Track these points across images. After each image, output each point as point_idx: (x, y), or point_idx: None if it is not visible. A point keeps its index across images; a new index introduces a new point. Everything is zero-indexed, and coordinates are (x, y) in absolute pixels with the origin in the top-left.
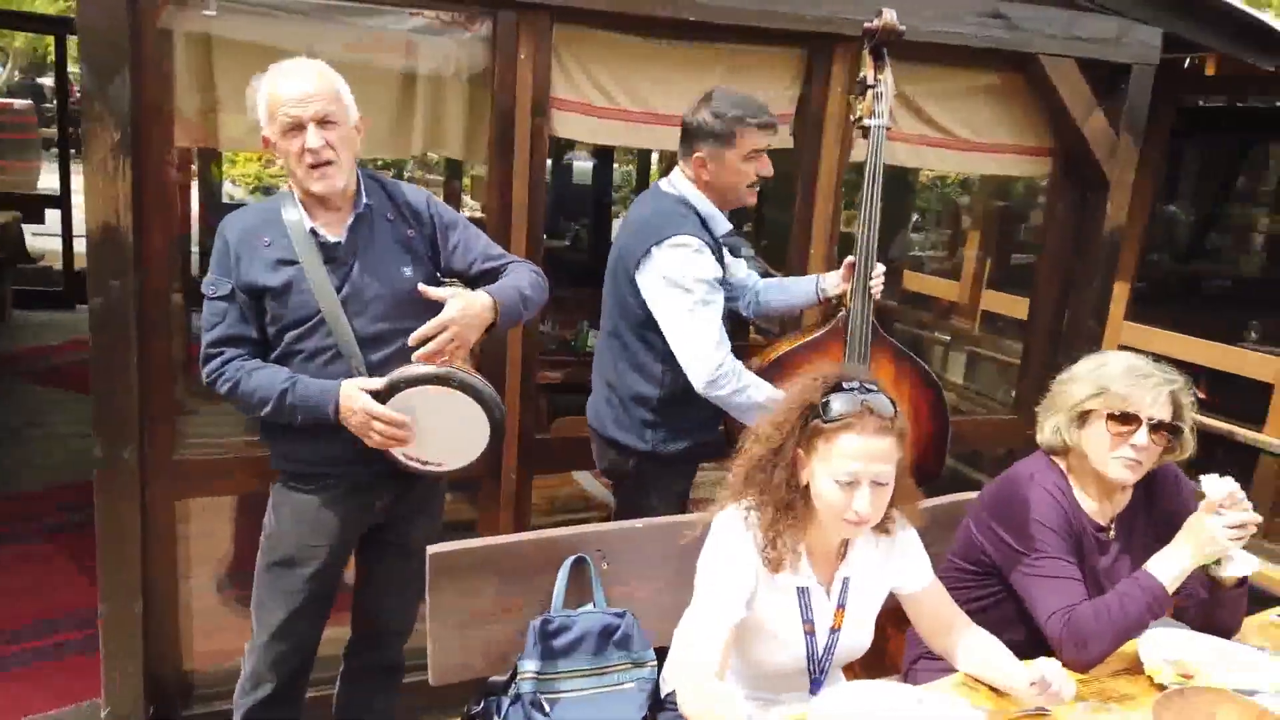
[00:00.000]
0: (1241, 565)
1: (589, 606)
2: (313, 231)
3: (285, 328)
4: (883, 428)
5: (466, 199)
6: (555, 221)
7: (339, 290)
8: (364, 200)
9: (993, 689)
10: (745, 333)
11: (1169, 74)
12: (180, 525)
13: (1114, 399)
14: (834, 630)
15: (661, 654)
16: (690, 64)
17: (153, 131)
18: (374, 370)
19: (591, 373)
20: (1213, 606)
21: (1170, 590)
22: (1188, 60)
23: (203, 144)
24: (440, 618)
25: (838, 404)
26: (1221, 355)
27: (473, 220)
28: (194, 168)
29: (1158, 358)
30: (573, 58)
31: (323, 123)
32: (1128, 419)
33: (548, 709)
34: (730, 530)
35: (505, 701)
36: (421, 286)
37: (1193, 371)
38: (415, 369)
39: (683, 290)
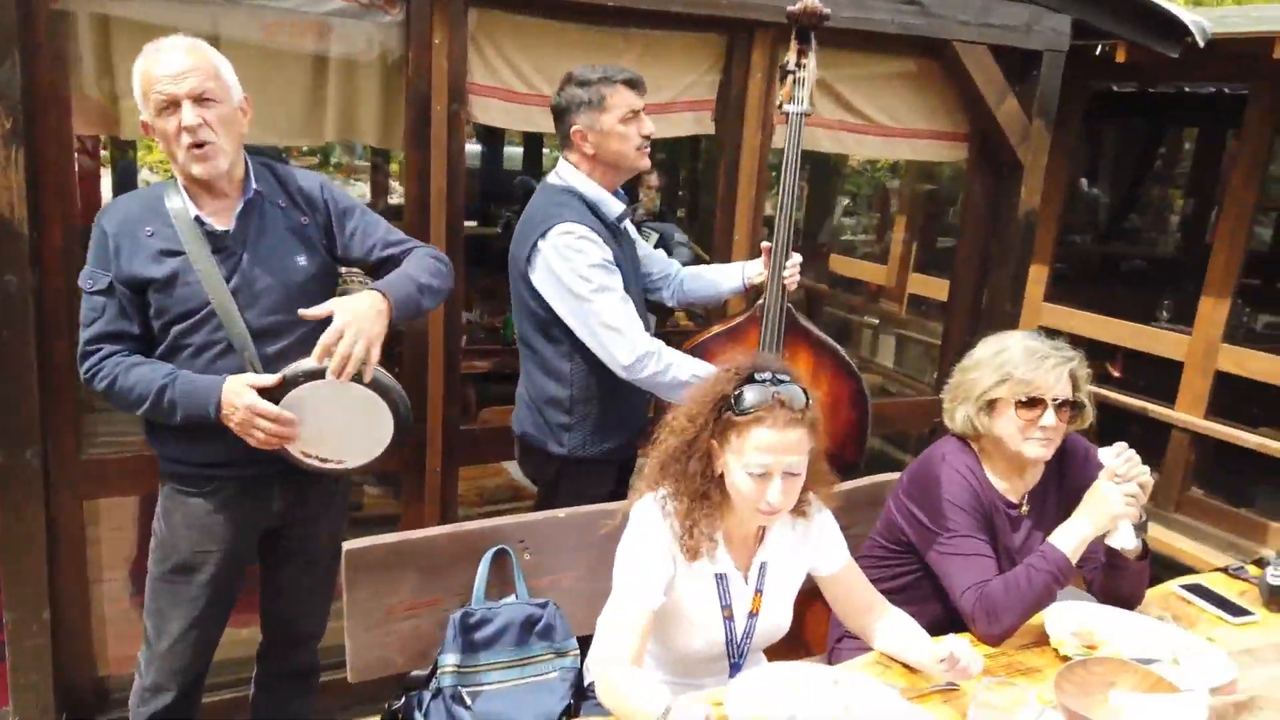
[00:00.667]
0: (1123, 537)
1: (511, 598)
2: (198, 219)
3: (171, 321)
4: (793, 420)
5: (395, 185)
6: (485, 208)
7: (228, 281)
8: (253, 186)
9: (906, 666)
10: (667, 320)
11: (1081, 60)
12: (90, 528)
13: (1019, 385)
14: (752, 615)
15: (585, 642)
16: (609, 50)
17: (48, 119)
18: (268, 364)
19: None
20: (1115, 578)
21: (1073, 560)
22: (1099, 47)
23: (104, 131)
24: (357, 615)
25: (749, 396)
26: (1135, 334)
27: (391, 208)
28: (106, 155)
29: (1053, 333)
30: (490, 43)
31: (199, 100)
32: (1034, 403)
33: (469, 702)
34: (647, 519)
35: (426, 696)
36: (302, 311)
37: (1108, 350)
38: (310, 362)
39: (579, 279)
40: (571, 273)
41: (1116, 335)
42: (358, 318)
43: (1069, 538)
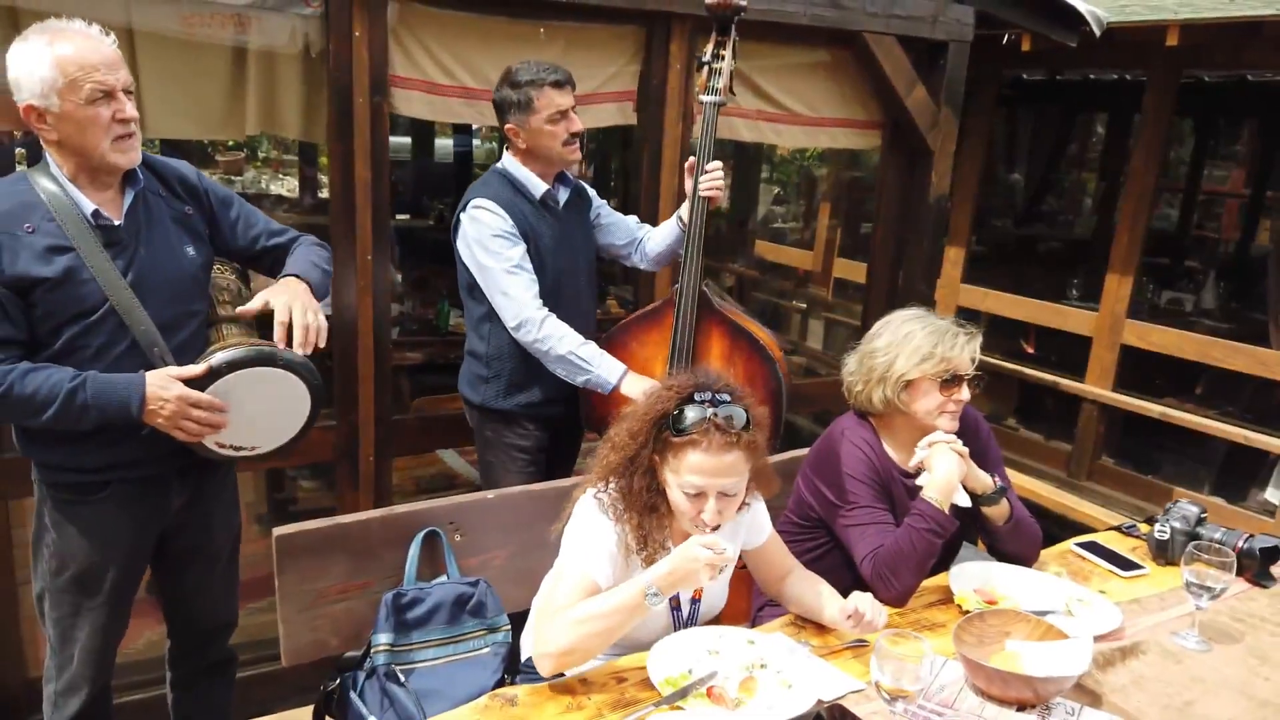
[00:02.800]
0: (960, 498)
1: (443, 578)
2: (95, 214)
3: (64, 323)
4: (728, 443)
5: (323, 178)
6: (418, 200)
7: (125, 276)
8: (140, 176)
9: (819, 627)
10: (601, 305)
11: (990, 49)
12: (16, 530)
13: (940, 364)
14: (695, 601)
15: (517, 619)
16: (530, 42)
17: None
18: (174, 358)
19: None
20: (998, 541)
21: (944, 508)
22: (1005, 36)
23: (12, 127)
24: (289, 600)
25: (687, 416)
26: (1045, 312)
27: (320, 202)
28: (21, 152)
29: (966, 314)
30: (411, 36)
31: (128, 91)
32: (955, 380)
33: (403, 679)
34: (590, 512)
35: (361, 676)
36: (240, 309)
37: (1022, 328)
38: (234, 352)
39: (481, 248)
40: (477, 241)
41: (1029, 313)
42: (294, 296)
43: (934, 489)
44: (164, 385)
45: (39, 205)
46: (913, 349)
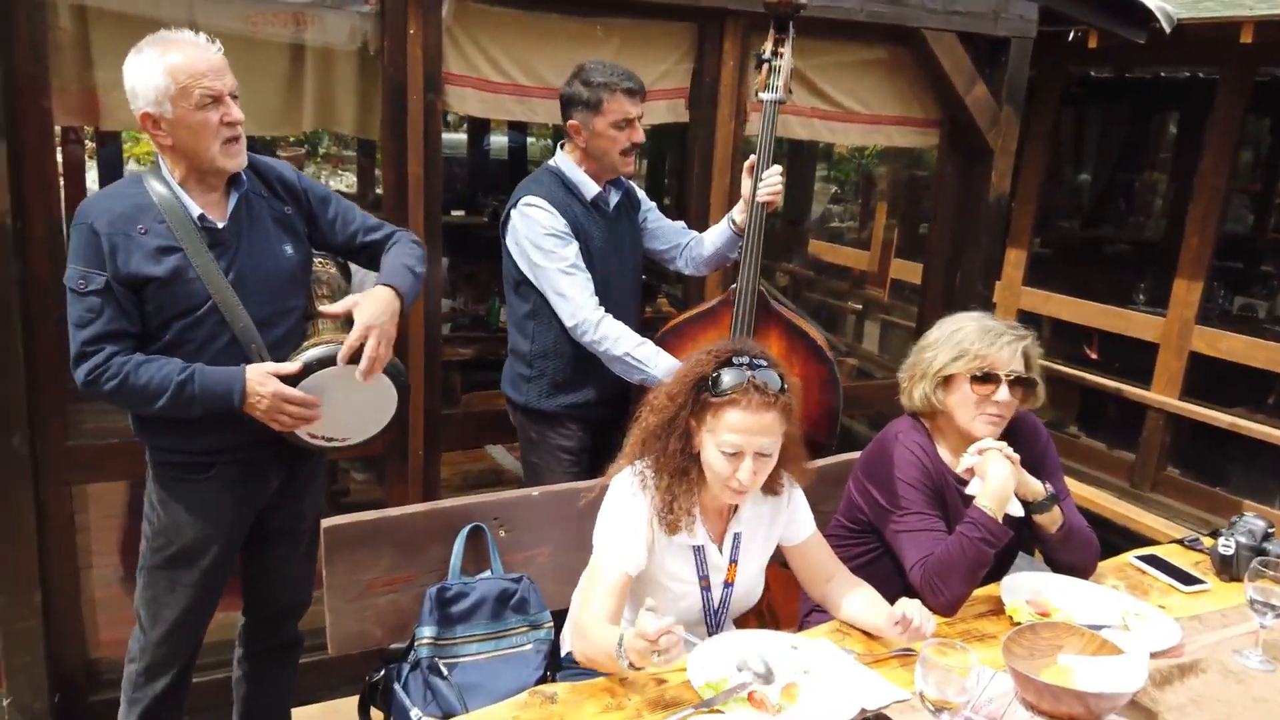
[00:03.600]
0: (1013, 507)
1: (487, 573)
2: (201, 217)
3: (173, 318)
4: (766, 403)
5: (379, 174)
6: (472, 197)
7: (227, 275)
8: (244, 179)
9: (865, 634)
10: (647, 306)
11: (1055, 46)
12: (79, 514)
13: (974, 361)
14: (728, 584)
15: (559, 616)
16: (584, 39)
17: (29, 110)
18: (270, 352)
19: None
20: (1052, 551)
21: (998, 517)
22: (1071, 33)
23: (85, 123)
24: (336, 590)
25: (726, 378)
26: (1109, 316)
27: (376, 198)
28: (91, 146)
29: (1026, 317)
30: (465, 33)
31: (234, 96)
32: (989, 378)
33: (446, 673)
34: (627, 490)
35: (405, 668)
36: (324, 308)
37: (1085, 333)
38: (325, 349)
39: (534, 247)
40: (529, 240)
41: (1092, 318)
42: (378, 320)
43: (986, 500)
44: (261, 381)
45: (151, 207)
46: (952, 345)
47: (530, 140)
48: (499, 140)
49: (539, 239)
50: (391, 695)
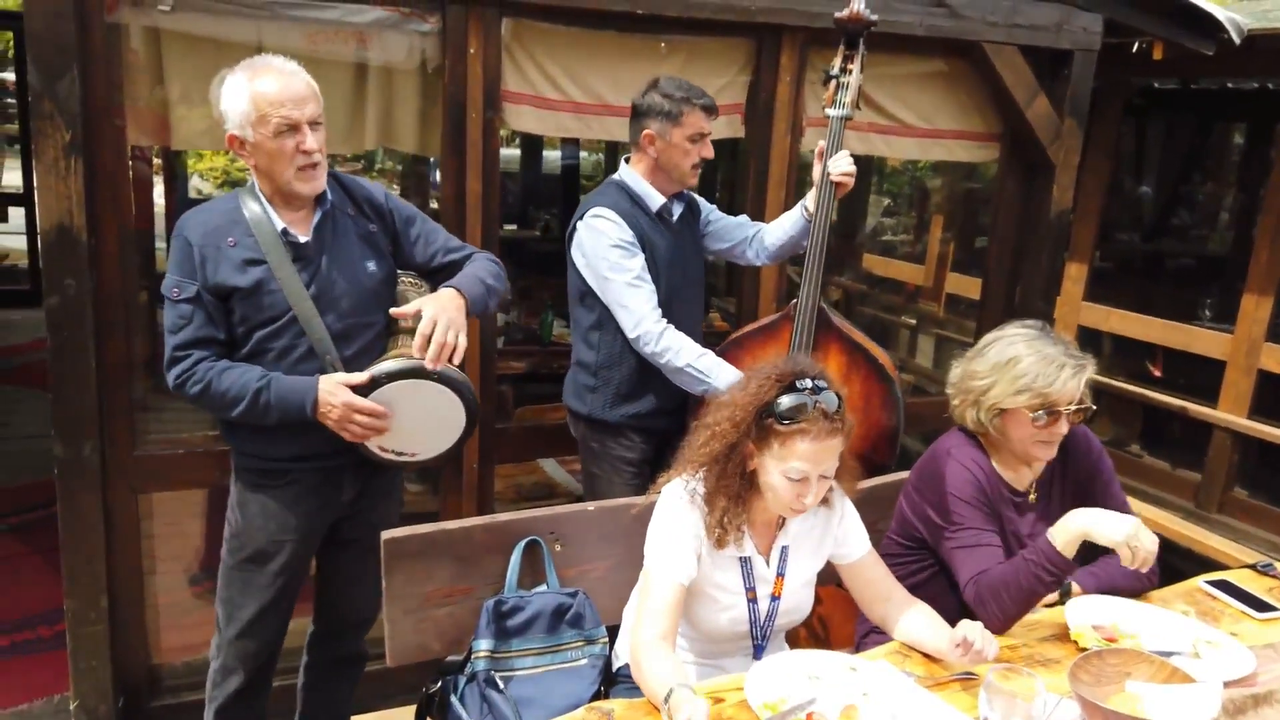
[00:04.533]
0: None
1: (542, 587)
2: (284, 232)
3: (255, 327)
4: (833, 430)
5: (433, 191)
6: (525, 212)
7: (308, 288)
8: (329, 198)
9: (925, 656)
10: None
11: (1118, 58)
12: (144, 522)
13: (1037, 398)
14: (774, 597)
15: (614, 631)
16: (640, 55)
17: (105, 130)
18: (346, 365)
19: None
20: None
21: (1064, 552)
22: (1135, 45)
23: (156, 142)
24: (395, 601)
25: (792, 406)
26: (1174, 333)
27: (431, 213)
28: (158, 163)
29: (1087, 334)
30: (523, 51)
31: (314, 124)
32: (1052, 415)
33: (502, 686)
34: (677, 502)
35: (461, 681)
36: (394, 310)
37: (1149, 349)
38: (395, 363)
39: (600, 258)
40: (594, 251)
41: (1156, 334)
42: (445, 310)
43: (1059, 532)
44: (332, 391)
45: (242, 222)
46: (1011, 378)
47: (583, 155)
48: (551, 155)
49: (605, 250)
50: (448, 707)
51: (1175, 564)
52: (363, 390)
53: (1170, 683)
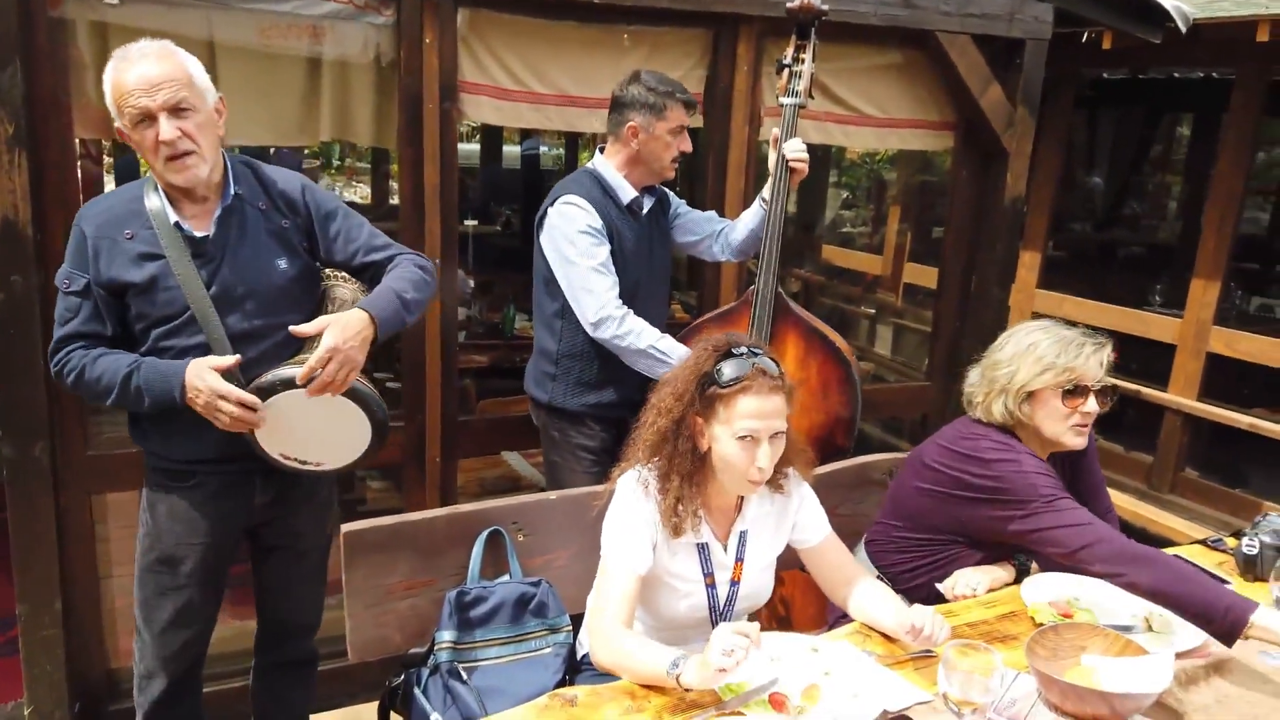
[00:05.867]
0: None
1: (506, 578)
2: (177, 225)
3: (152, 325)
4: (775, 386)
5: (394, 184)
6: (486, 207)
7: (209, 287)
8: (232, 190)
9: (885, 636)
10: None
11: (1068, 48)
12: (98, 524)
13: (1062, 374)
14: (734, 582)
15: (578, 619)
16: (598, 46)
17: (50, 123)
18: (247, 367)
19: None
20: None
21: (1250, 625)
22: (1085, 34)
23: (105, 136)
24: (356, 595)
25: (731, 368)
26: (1126, 318)
27: (392, 208)
28: (108, 160)
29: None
30: (480, 41)
31: (175, 111)
32: (1079, 391)
33: (466, 677)
34: (632, 492)
35: (425, 673)
36: (294, 329)
37: (1101, 334)
38: (289, 370)
39: (568, 242)
40: (563, 236)
41: (1108, 320)
42: (346, 344)
43: (1269, 618)
44: (199, 374)
45: (142, 214)
46: (1035, 359)
47: (544, 150)
48: (512, 150)
49: (573, 235)
50: (411, 700)
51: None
52: (256, 392)
53: (1124, 655)
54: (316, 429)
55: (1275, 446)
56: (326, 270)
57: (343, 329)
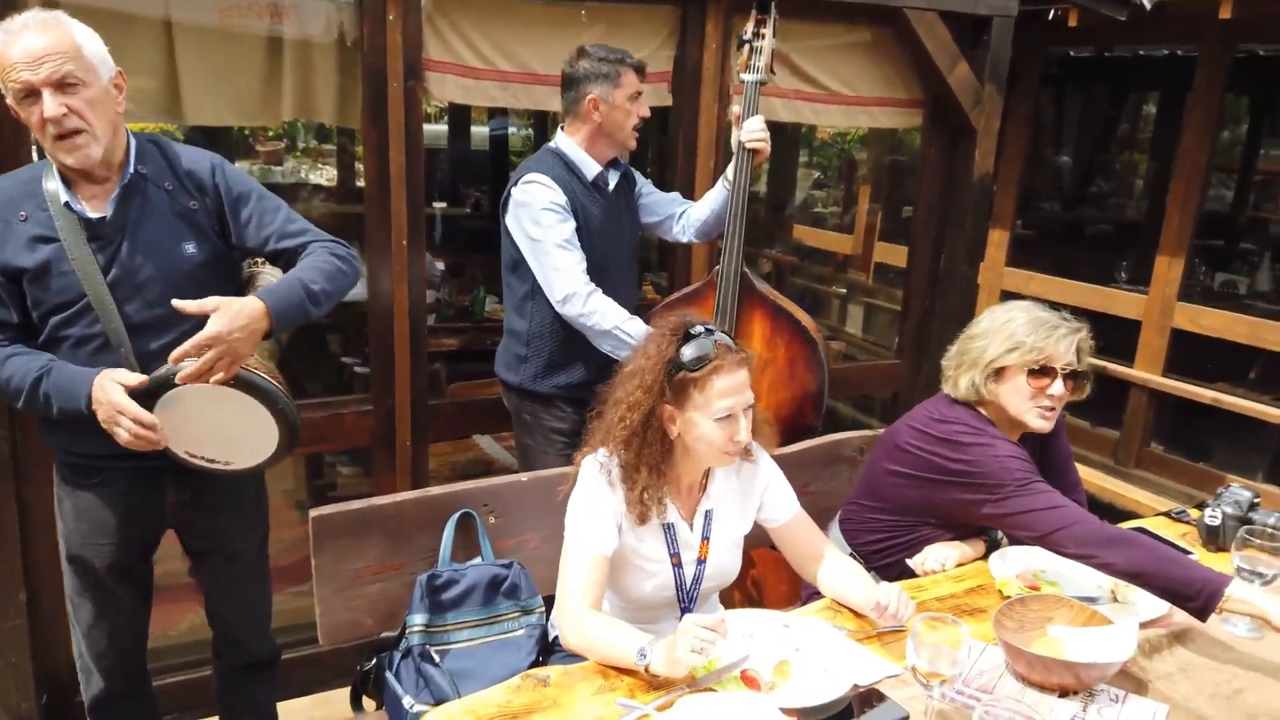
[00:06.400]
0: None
1: (477, 560)
2: (67, 205)
3: (49, 312)
4: (740, 360)
5: (359, 167)
6: (455, 188)
7: (106, 272)
8: (132, 169)
9: (856, 612)
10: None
11: (1036, 26)
12: None
13: (1029, 353)
14: (700, 561)
15: (550, 600)
16: (566, 23)
17: None
18: (147, 359)
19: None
20: None
21: (1225, 598)
22: (1051, 11)
23: None
24: (325, 580)
25: (695, 350)
26: (1092, 295)
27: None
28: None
29: (1009, 298)
30: (445, 19)
31: (60, 86)
32: (1045, 371)
33: (438, 660)
34: (595, 477)
35: (396, 656)
36: (176, 302)
37: (1068, 311)
38: (185, 365)
39: (532, 221)
40: (528, 215)
41: (1075, 297)
42: (230, 333)
43: (1242, 591)
44: (104, 387)
45: (39, 195)
46: (1006, 336)
47: (512, 130)
48: (480, 131)
49: (537, 213)
50: (384, 684)
51: (1098, 516)
52: (146, 393)
53: (1089, 626)
54: (217, 425)
55: (1238, 420)
56: (252, 257)
57: (231, 316)
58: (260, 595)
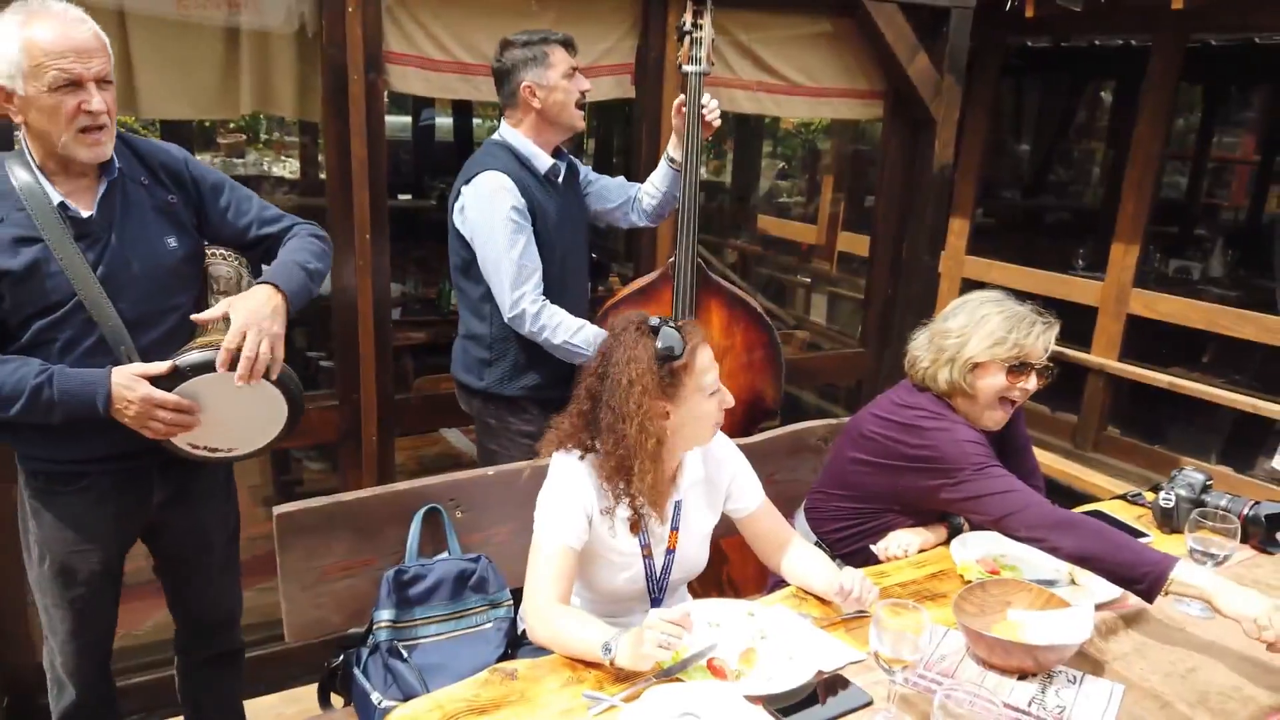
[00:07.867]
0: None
1: (444, 555)
2: (62, 205)
3: (33, 316)
4: (703, 334)
5: (322, 159)
6: (419, 180)
7: (95, 270)
8: (115, 165)
9: (821, 599)
10: (606, 279)
11: (993, 17)
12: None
13: (1011, 350)
14: (669, 551)
15: (518, 594)
16: (527, 16)
17: None
18: (144, 355)
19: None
20: None
21: (1172, 581)
22: (1009, 3)
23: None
24: (291, 578)
25: (674, 338)
26: (1050, 282)
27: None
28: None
29: (971, 286)
30: (405, 10)
31: (101, 83)
32: (1024, 368)
33: (406, 655)
34: (569, 471)
35: (364, 652)
36: (195, 316)
37: (1027, 299)
38: (203, 354)
39: (487, 230)
40: (483, 220)
41: (1034, 284)
42: (257, 318)
43: (1188, 574)
44: (129, 385)
45: (10, 194)
46: (987, 332)
47: (476, 122)
48: (444, 123)
49: (494, 221)
50: (351, 680)
51: (1056, 500)
52: (165, 383)
53: (1048, 609)
54: (232, 415)
55: (1192, 404)
56: (208, 250)
57: (248, 305)
58: (234, 584)
